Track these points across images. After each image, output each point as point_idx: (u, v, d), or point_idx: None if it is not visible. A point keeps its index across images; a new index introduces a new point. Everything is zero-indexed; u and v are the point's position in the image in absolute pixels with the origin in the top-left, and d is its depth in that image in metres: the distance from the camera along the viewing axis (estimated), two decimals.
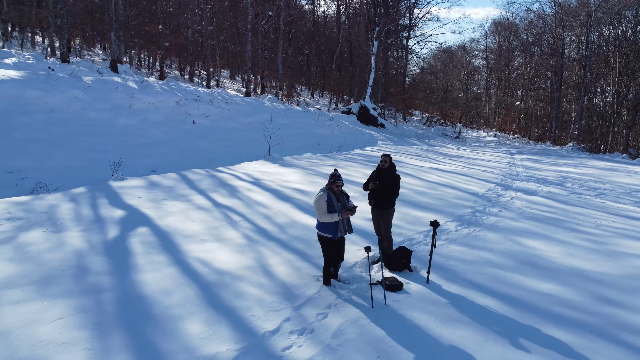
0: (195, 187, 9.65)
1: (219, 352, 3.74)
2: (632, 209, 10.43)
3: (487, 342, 4.12)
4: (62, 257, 5.45)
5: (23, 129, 10.81)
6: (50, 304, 4.33)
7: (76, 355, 3.59)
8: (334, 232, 5.00)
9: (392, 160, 6.01)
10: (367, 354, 3.85)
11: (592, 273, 5.98)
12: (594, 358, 3.92)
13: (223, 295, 4.77)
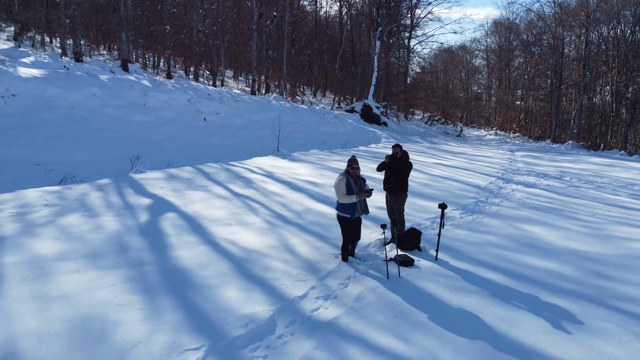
0: (212, 179, 10.17)
1: (256, 312, 4.26)
2: (628, 200, 10.94)
3: (491, 306, 4.64)
4: (103, 237, 5.97)
5: (47, 125, 11.34)
6: (102, 274, 4.85)
7: (133, 313, 4.11)
8: (352, 212, 5.52)
9: (402, 149, 6.54)
10: (386, 314, 4.37)
11: (588, 253, 6.50)
12: (586, 319, 4.44)
13: (253, 268, 5.29)
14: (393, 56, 41.33)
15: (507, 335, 4.08)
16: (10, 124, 10.57)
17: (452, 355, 3.72)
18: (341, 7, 43.51)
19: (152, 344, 3.66)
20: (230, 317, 4.14)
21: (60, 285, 4.53)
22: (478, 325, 4.23)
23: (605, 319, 4.45)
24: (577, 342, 4.00)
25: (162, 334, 3.80)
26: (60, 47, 23.98)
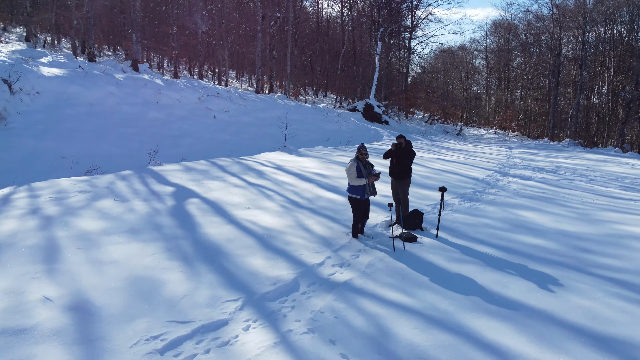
0: (226, 171, 10.85)
1: (282, 275, 4.94)
2: (617, 191, 11.62)
3: (485, 272, 5.31)
4: (137, 217, 6.65)
5: (69, 120, 12.03)
6: (143, 246, 5.53)
7: (176, 275, 4.79)
8: (361, 193, 6.20)
9: (406, 139, 7.21)
10: (393, 277, 5.05)
11: (574, 233, 7.18)
12: (566, 282, 5.11)
13: (274, 242, 5.97)
14: (394, 56, 42.02)
15: (497, 293, 4.76)
16: (37, 119, 11.25)
17: (449, 306, 4.40)
18: (343, 9, 44.22)
19: (197, 297, 4.33)
20: (260, 278, 4.82)
21: (109, 253, 5.21)
22: (473, 286, 4.91)
23: (582, 282, 5.12)
24: (558, 298, 4.68)
25: (204, 290, 4.48)
26: (71, 48, 24.67)
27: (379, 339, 3.77)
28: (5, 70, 11.32)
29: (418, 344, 3.70)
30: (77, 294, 4.21)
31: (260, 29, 28.79)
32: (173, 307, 4.12)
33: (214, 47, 34.49)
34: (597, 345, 3.79)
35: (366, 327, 3.95)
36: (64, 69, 14.31)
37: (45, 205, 6.94)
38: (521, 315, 4.26)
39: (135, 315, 3.92)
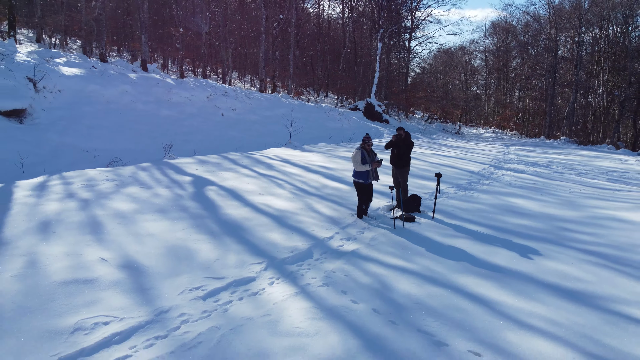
0: (238, 164, 11.59)
1: (297, 245, 5.67)
2: (604, 183, 12.36)
3: (474, 245, 6.05)
4: (164, 200, 7.39)
5: (89, 117, 12.77)
6: (173, 223, 6.26)
7: (206, 245, 5.52)
8: (365, 178, 6.95)
9: (405, 131, 7.95)
10: (394, 248, 5.79)
11: (558, 215, 7.92)
12: (546, 252, 5.84)
13: (288, 221, 6.70)
14: (394, 57, 42.77)
15: (485, 260, 5.49)
16: (59, 115, 12.00)
17: (442, 269, 5.14)
18: (343, 10, 44.99)
19: (226, 261, 5.07)
20: (278, 248, 5.56)
21: (145, 228, 5.95)
22: (463, 254, 5.65)
23: (559, 252, 5.86)
24: (536, 263, 5.42)
25: (232, 255, 5.22)
26: (82, 48, 25.44)
27: (381, 290, 4.51)
28: (31, 69, 12.07)
29: (414, 294, 4.44)
30: (125, 257, 4.95)
31: (264, 30, 29.55)
32: (207, 267, 4.86)
33: (217, 47, 35.22)
34: (565, 297, 4.53)
35: (371, 283, 4.69)
36: (80, 68, 15.06)
37: (79, 191, 7.68)
38: (503, 276, 5.00)
39: (177, 273, 4.66)
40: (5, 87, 10.99)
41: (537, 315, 4.08)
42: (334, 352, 3.40)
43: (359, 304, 4.21)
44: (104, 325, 3.60)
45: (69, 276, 4.34)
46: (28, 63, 12.40)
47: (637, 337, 3.78)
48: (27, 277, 4.26)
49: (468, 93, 59.40)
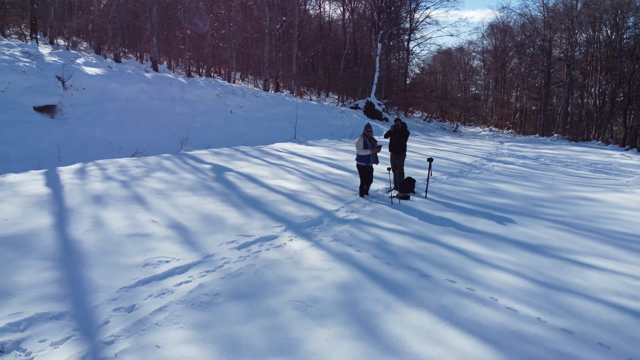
0: (249, 155, 12.67)
1: (309, 215, 6.76)
2: (586, 173, 13.44)
3: (459, 216, 7.14)
4: (190, 182, 8.48)
5: (111, 113, 13.87)
6: (202, 198, 7.35)
7: (233, 214, 6.60)
8: (366, 161, 8.04)
9: (402, 122, 9.04)
10: (390, 217, 6.88)
11: (535, 197, 9.01)
12: (520, 221, 6.92)
13: (300, 198, 7.79)
14: (393, 58, 43.88)
15: (466, 225, 6.58)
16: (85, 111, 13.09)
17: (430, 231, 6.22)
18: (344, 12, 46.12)
19: (252, 224, 6.16)
20: (294, 216, 6.65)
21: (181, 201, 7.03)
22: (449, 222, 6.74)
23: (530, 221, 6.95)
24: (509, 228, 6.50)
25: (256, 221, 6.31)
26: (94, 49, 26.53)
27: (379, 244, 5.60)
28: (58, 69, 13.17)
29: (406, 246, 5.53)
30: (171, 220, 6.04)
31: (268, 32, 30.66)
32: (238, 229, 5.95)
33: (222, 49, 36.33)
34: (527, 249, 5.61)
35: (371, 239, 5.78)
36: (98, 68, 16.16)
37: (115, 175, 8.76)
38: (480, 236, 6.09)
39: (214, 232, 5.75)
40: (39, 85, 12.09)
41: (502, 260, 5.17)
42: (344, 280, 4.48)
43: (361, 252, 5.30)
44: (166, 262, 4.69)
45: (130, 231, 5.43)
46: (56, 63, 13.49)
47: (574, 271, 4.86)
48: (98, 231, 5.35)
49: (467, 93, 60.48)
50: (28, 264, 4.27)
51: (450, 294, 4.22)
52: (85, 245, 4.90)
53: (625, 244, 5.95)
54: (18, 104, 11.48)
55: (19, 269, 4.15)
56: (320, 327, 3.54)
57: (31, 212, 5.81)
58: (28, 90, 11.89)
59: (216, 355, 3.14)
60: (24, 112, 11.47)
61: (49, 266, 4.29)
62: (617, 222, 7.10)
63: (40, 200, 6.36)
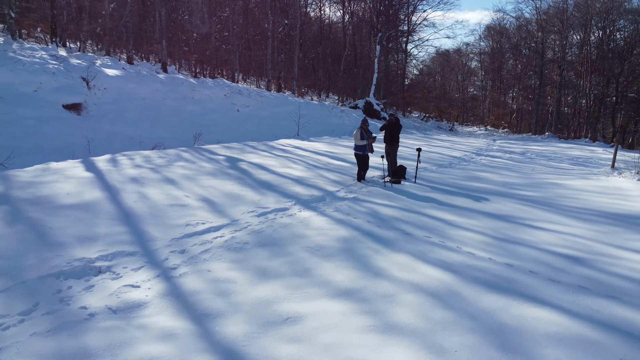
0: (257, 149, 13.91)
1: (314, 194, 7.99)
2: (566, 165, 14.67)
3: (443, 196, 8.38)
4: (210, 169, 9.71)
5: (130, 111, 15.11)
6: (223, 181, 8.58)
7: (251, 193, 7.83)
8: (363, 150, 9.28)
9: (396, 116, 10.29)
10: (383, 196, 8.13)
11: (511, 182, 10.25)
12: (494, 199, 8.16)
13: (305, 182, 9.02)
14: (392, 59, 45.14)
15: (447, 202, 7.82)
16: (107, 109, 14.34)
17: (416, 206, 7.46)
18: (344, 15, 47.41)
19: (267, 200, 7.39)
20: (301, 194, 7.89)
21: (205, 182, 8.26)
22: (432, 199, 7.97)
23: (502, 200, 8.19)
24: (483, 204, 7.74)
25: (270, 198, 7.54)
26: (104, 52, 27.78)
27: (372, 213, 6.84)
28: (83, 70, 14.42)
29: (394, 215, 6.77)
30: (200, 196, 7.28)
31: (271, 35, 31.94)
32: (255, 203, 7.19)
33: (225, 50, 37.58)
34: (493, 218, 6.84)
35: (365, 210, 7.02)
36: (114, 70, 17.40)
37: (142, 164, 10.00)
38: (457, 209, 7.33)
39: (236, 205, 6.98)
40: (67, 85, 13.33)
41: (471, 224, 6.41)
42: (343, 235, 5.72)
43: (357, 219, 6.54)
44: (202, 224, 5.93)
45: (170, 202, 6.68)
46: (80, 65, 14.74)
47: (526, 231, 6.09)
48: (145, 202, 6.59)
49: (465, 93, 61.75)
50: (101, 222, 5.52)
51: (426, 244, 5.46)
52: (137, 211, 6.14)
53: (575, 215, 7.19)
54: (49, 102, 12.72)
55: (96, 225, 5.39)
56: (326, 262, 4.78)
57: (85, 188, 7.05)
58: (57, 89, 13.13)
59: (252, 277, 4.37)
60: (55, 110, 12.72)
61: (116, 223, 5.53)
62: (575, 200, 8.34)
63: (88, 181, 7.60)
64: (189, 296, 3.89)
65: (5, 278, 3.91)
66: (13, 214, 5.46)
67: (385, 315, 3.59)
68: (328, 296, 3.94)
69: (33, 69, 12.96)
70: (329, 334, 3.29)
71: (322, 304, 3.77)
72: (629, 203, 8.09)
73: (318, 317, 3.55)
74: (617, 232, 6.20)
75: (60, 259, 4.37)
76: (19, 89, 12.23)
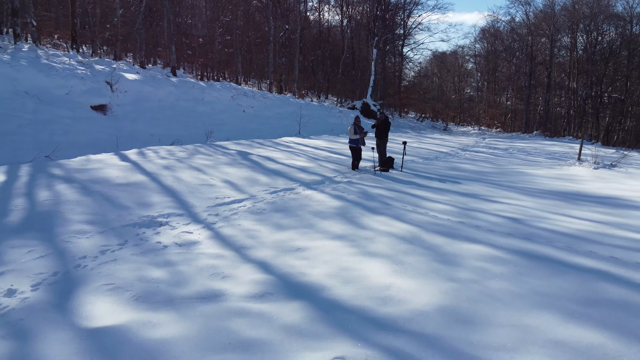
0: (264, 145, 15.54)
1: (315, 179, 9.62)
2: (541, 159, 16.30)
3: (423, 180, 10.01)
4: (226, 160, 11.32)
5: (148, 111, 16.75)
6: (239, 168, 10.19)
7: (263, 177, 9.45)
8: (356, 143, 10.92)
9: (385, 115, 11.93)
10: (372, 180, 9.76)
11: (485, 171, 11.88)
12: (464, 183, 9.78)
13: (308, 170, 10.65)
14: (389, 62, 46.83)
15: (425, 184, 9.45)
16: (129, 110, 15.97)
17: (399, 187, 9.09)
18: (342, 19, 49.11)
19: (277, 182, 9.01)
20: (305, 179, 9.51)
21: (225, 170, 9.87)
22: (414, 183, 9.60)
23: (474, 184, 9.83)
24: (455, 185, 9.37)
25: (279, 181, 9.17)
26: (116, 57, 29.42)
27: (363, 192, 8.47)
28: (106, 75, 16.06)
29: (380, 193, 8.40)
30: (223, 178, 8.90)
31: (273, 39, 33.60)
32: (268, 184, 8.81)
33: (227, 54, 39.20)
34: (461, 195, 8.46)
35: (357, 190, 8.65)
36: (131, 74, 19.02)
37: (167, 156, 11.61)
38: (432, 189, 8.95)
39: (253, 185, 8.60)
40: (94, 88, 14.97)
41: (442, 199, 8.04)
42: (338, 205, 7.34)
43: (350, 195, 8.17)
44: (228, 198, 7.55)
45: (200, 183, 8.31)
46: (104, 70, 16.38)
47: (485, 204, 7.71)
48: (180, 183, 8.21)
49: (462, 94, 63.42)
50: (152, 194, 7.15)
51: (402, 210, 7.09)
52: (176, 188, 7.77)
53: (529, 193, 8.82)
54: (79, 103, 14.35)
55: (149, 196, 7.03)
56: (325, 220, 6.41)
57: (129, 173, 8.67)
58: (86, 92, 14.77)
59: (271, 228, 5.99)
60: (84, 110, 14.35)
61: (164, 196, 7.17)
62: (533, 184, 9.98)
63: (128, 168, 9.23)
64: (227, 238, 5.52)
65: (100, 226, 5.53)
66: (84, 189, 7.09)
67: (366, 248, 5.22)
68: (326, 238, 5.57)
69: (65, 74, 14.59)
70: (327, 256, 4.91)
71: (322, 242, 5.40)
72: (576, 185, 9.73)
73: (319, 248, 5.17)
74: (556, 205, 7.83)
75: (132, 216, 6.01)
76: (54, 92, 13.86)
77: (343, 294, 3.90)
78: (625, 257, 4.95)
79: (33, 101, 13.03)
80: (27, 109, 12.61)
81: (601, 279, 4.24)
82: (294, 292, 3.90)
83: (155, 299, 3.73)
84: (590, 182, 10.20)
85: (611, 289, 4.01)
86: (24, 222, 5.42)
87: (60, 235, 5.09)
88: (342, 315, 3.48)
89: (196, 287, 3.97)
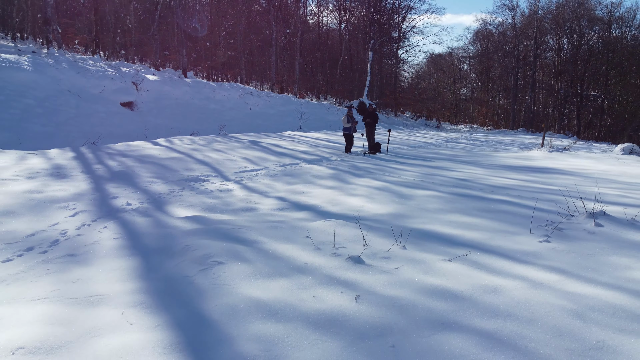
0: (270, 136, 17.81)
1: (314, 158, 11.90)
2: (512, 148, 18.57)
3: (405, 159, 12.28)
4: (240, 146, 13.59)
5: (168, 108, 19.04)
6: (254, 151, 12.45)
7: (273, 156, 11.73)
8: (349, 131, 13.21)
9: (374, 108, 14.22)
10: (361, 159, 12.05)
11: (458, 154, 14.15)
12: (435, 161, 12.05)
13: (309, 153, 12.90)
14: (385, 64, 49.17)
15: (404, 161, 11.71)
16: (151, 107, 18.26)
17: (383, 163, 11.36)
18: (340, 23, 51.50)
19: (284, 160, 11.27)
20: (306, 158, 11.78)
21: (242, 152, 12.15)
22: (396, 161, 11.88)
23: (444, 161, 12.09)
24: (428, 162, 11.64)
25: (286, 159, 11.44)
26: (124, 59, 31.73)
27: (352, 166, 10.74)
28: (132, 76, 18.36)
29: (368, 167, 10.67)
30: (241, 156, 11.16)
31: (275, 43, 35.95)
32: (277, 161, 11.08)
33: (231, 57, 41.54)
34: (430, 168, 10.73)
35: (348, 166, 10.92)
36: (151, 75, 21.31)
37: (189, 144, 13.87)
38: (409, 165, 11.22)
39: (265, 161, 10.86)
40: (122, 88, 17.26)
41: (414, 170, 10.31)
42: (332, 173, 9.61)
43: (342, 167, 10.44)
44: (248, 168, 9.81)
45: (225, 158, 10.58)
46: (129, 72, 18.68)
47: (446, 172, 9.97)
48: (209, 159, 10.47)
49: (457, 94, 65.71)
50: (191, 165, 9.43)
51: (380, 175, 9.35)
52: (207, 161, 10.05)
53: (487, 167, 11.08)
54: (111, 100, 16.65)
55: (189, 165, 9.31)
56: (322, 180, 8.68)
57: (166, 153, 10.94)
58: (115, 91, 17.06)
59: (283, 183, 8.25)
60: (115, 107, 16.64)
61: (200, 165, 9.44)
62: (493, 162, 12.24)
63: (165, 149, 11.50)
64: (252, 189, 7.78)
65: (162, 180, 7.80)
66: (139, 160, 9.37)
67: (350, 192, 7.49)
68: (323, 188, 7.84)
69: (97, 75, 16.89)
70: (323, 195, 7.18)
71: (319, 189, 7.67)
72: (527, 162, 12.01)
73: (318, 192, 7.44)
74: (501, 172, 10.10)
75: (182, 175, 8.29)
76: (90, 91, 16.17)
77: (332, 209, 6.17)
78: (527, 195, 7.21)
79: (74, 98, 15.33)
80: (70, 105, 14.91)
81: (501, 203, 6.50)
82: (301, 208, 6.18)
83: (215, 210, 6.00)
84: (540, 160, 12.47)
85: (504, 207, 6.27)
86: (111, 176, 7.71)
87: (139, 184, 7.38)
88: (330, 215, 5.75)
89: (239, 206, 6.26)
